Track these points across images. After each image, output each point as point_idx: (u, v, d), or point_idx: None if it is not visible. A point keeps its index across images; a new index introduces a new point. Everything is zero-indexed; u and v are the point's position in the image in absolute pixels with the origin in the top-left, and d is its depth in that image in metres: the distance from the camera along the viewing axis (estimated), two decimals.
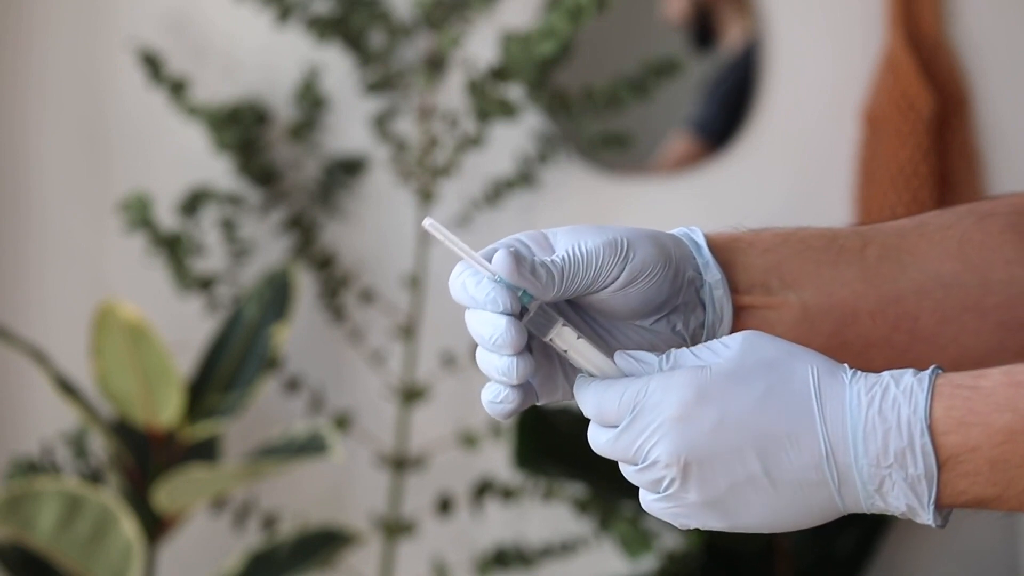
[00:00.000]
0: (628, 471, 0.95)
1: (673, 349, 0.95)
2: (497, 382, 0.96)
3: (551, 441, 2.57)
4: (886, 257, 1.07)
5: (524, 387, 0.97)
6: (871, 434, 0.90)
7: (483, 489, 2.71)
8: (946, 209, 1.11)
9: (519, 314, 0.95)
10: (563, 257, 0.96)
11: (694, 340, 1.01)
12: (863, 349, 1.06)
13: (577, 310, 1.00)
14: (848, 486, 0.91)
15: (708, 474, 0.92)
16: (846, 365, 0.93)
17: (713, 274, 1.01)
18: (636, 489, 0.96)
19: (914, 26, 2.77)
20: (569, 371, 1.00)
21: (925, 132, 2.73)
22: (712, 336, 1.02)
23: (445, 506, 2.73)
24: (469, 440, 2.71)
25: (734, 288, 1.03)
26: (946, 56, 2.78)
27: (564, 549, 2.70)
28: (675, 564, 2.66)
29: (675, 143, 2.87)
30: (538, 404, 1.00)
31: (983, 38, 2.80)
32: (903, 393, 0.90)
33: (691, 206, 2.83)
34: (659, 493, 0.94)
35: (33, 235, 2.86)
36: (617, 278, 0.97)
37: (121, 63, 2.80)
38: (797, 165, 2.85)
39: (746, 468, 0.92)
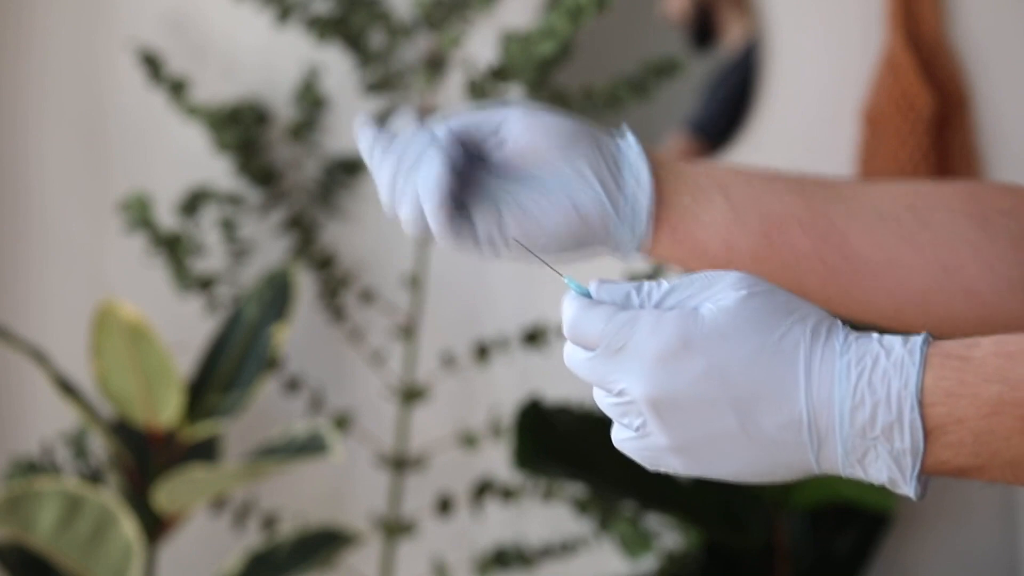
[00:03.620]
0: (599, 396, 0.94)
1: (652, 283, 0.95)
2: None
3: (551, 441, 2.56)
4: (824, 186, 1.09)
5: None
6: (859, 406, 0.89)
7: (483, 489, 2.71)
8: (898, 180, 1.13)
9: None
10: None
11: (613, 204, 1.08)
12: (794, 260, 1.07)
13: (503, 174, 1.09)
14: (828, 451, 0.90)
15: (680, 421, 0.91)
16: (839, 323, 0.92)
17: (629, 139, 1.10)
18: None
19: (914, 26, 2.77)
20: (477, 214, 1.08)
21: (925, 132, 2.73)
22: (634, 202, 1.08)
23: (445, 506, 2.73)
24: (469, 440, 2.71)
25: (661, 180, 1.09)
26: (946, 56, 2.78)
27: (564, 549, 2.70)
28: (675, 564, 2.66)
29: (674, 143, 2.87)
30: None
31: (983, 38, 2.80)
32: (894, 366, 0.89)
33: None
34: (630, 431, 0.93)
35: (33, 235, 2.86)
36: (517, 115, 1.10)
37: (121, 63, 2.80)
38: (797, 165, 2.84)
39: (722, 422, 0.91)
